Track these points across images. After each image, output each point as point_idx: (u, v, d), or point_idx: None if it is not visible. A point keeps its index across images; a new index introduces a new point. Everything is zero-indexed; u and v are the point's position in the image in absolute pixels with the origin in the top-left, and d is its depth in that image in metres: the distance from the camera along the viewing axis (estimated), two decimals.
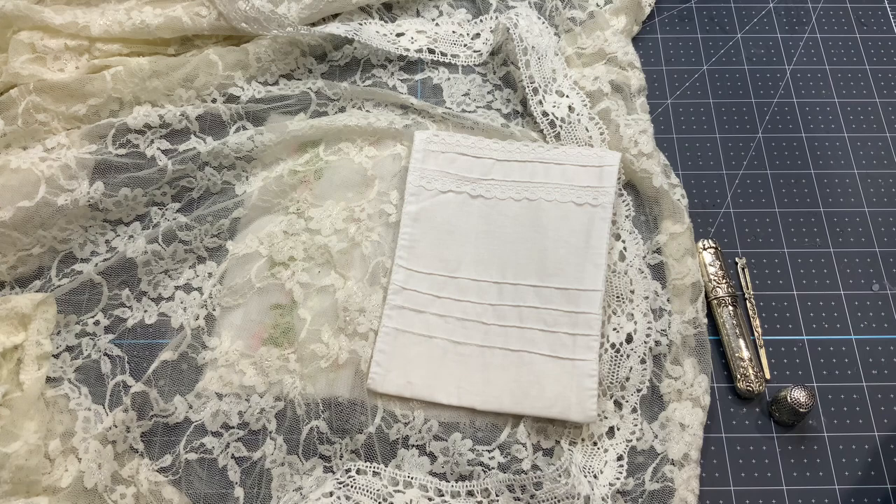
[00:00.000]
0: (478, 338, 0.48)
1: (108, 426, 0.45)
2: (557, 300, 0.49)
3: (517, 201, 0.52)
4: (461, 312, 0.49)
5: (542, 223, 0.51)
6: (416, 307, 0.49)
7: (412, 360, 0.48)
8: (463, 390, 0.47)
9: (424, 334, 0.48)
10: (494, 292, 0.49)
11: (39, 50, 0.56)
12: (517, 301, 0.49)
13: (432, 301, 0.49)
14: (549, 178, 0.52)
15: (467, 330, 0.49)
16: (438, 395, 0.47)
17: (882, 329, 0.50)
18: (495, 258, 0.50)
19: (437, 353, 0.48)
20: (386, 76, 0.59)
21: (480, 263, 0.50)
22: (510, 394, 0.47)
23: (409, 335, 0.48)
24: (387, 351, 0.48)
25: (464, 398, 0.47)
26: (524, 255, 0.50)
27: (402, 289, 0.50)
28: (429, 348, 0.48)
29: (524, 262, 0.50)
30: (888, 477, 0.46)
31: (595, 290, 0.48)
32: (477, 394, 0.47)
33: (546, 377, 0.47)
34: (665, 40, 0.62)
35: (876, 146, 0.57)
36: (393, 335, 0.48)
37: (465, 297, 0.49)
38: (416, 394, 0.47)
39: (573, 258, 0.49)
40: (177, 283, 0.51)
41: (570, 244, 0.50)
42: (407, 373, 0.47)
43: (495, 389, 0.47)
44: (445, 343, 0.48)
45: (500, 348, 0.48)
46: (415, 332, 0.49)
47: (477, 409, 0.47)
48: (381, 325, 0.49)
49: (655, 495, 0.44)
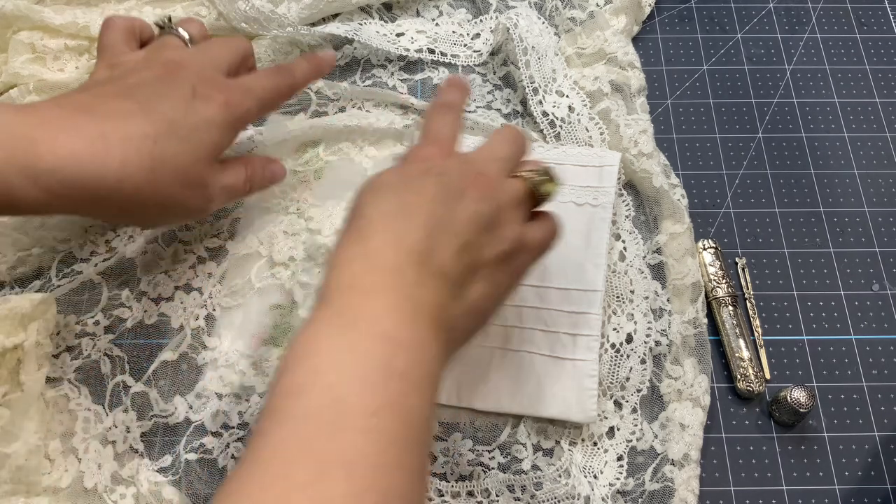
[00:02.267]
0: (477, 338, 0.48)
1: (108, 426, 0.46)
2: (557, 300, 0.49)
3: None
4: None
5: None
6: None
7: None
8: (463, 390, 0.47)
9: None
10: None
11: (39, 50, 0.56)
12: (517, 301, 0.49)
13: None
14: None
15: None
16: (439, 395, 0.47)
17: (882, 329, 0.50)
18: None
19: None
20: (386, 76, 0.59)
21: None
22: (510, 394, 0.47)
23: None
24: None
25: (463, 398, 0.47)
26: None
27: None
28: None
29: None
30: (888, 477, 0.46)
31: (595, 291, 0.48)
32: (477, 394, 0.47)
33: (546, 377, 0.47)
34: (665, 40, 0.62)
35: (876, 146, 0.57)
36: None
37: None
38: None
39: (573, 258, 0.49)
40: (177, 283, 0.50)
41: (571, 244, 0.50)
42: None
43: (495, 390, 0.47)
44: None
45: (500, 348, 0.48)
46: None
47: (477, 409, 0.47)
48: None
49: (655, 495, 0.44)
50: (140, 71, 0.41)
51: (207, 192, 0.42)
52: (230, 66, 0.44)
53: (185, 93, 0.40)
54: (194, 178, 0.41)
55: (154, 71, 0.41)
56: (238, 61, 0.45)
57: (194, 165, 0.40)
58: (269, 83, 0.44)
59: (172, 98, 0.40)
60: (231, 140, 0.43)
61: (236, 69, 0.45)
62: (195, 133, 0.40)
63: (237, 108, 0.42)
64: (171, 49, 0.43)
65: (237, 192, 0.45)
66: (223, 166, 0.43)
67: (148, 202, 0.39)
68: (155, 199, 0.39)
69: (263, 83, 0.44)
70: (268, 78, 0.45)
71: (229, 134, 0.42)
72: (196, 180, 0.41)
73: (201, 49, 0.44)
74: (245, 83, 0.43)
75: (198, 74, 0.41)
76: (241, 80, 0.44)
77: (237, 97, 0.42)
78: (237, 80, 0.43)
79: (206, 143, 0.40)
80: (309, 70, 0.47)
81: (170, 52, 0.43)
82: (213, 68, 0.43)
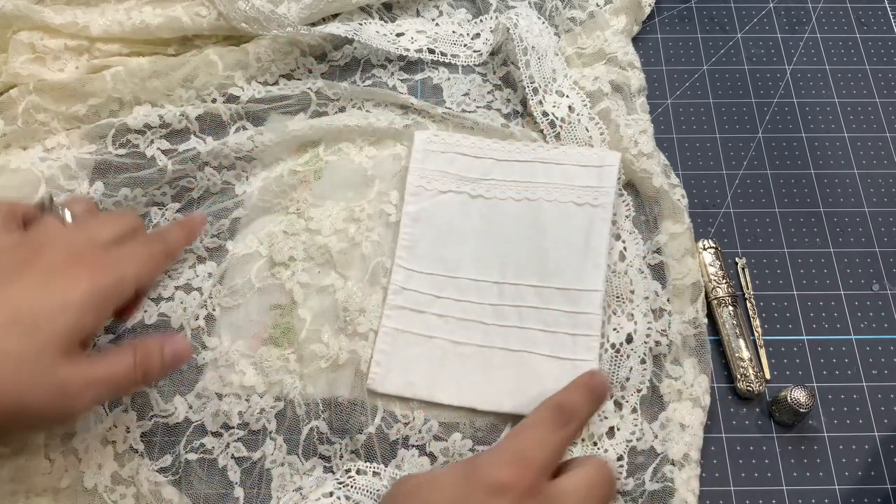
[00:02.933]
0: (478, 338, 0.48)
1: (108, 426, 0.46)
2: (557, 300, 0.49)
3: (517, 201, 0.52)
4: (461, 312, 0.49)
5: (543, 223, 0.51)
6: (416, 307, 0.49)
7: (412, 360, 0.48)
8: (463, 390, 0.47)
9: (424, 334, 0.48)
10: (495, 292, 0.49)
11: (39, 50, 0.56)
12: (517, 301, 0.49)
13: (432, 301, 0.49)
14: (550, 178, 0.52)
15: (467, 330, 0.49)
16: (439, 394, 0.47)
17: (882, 329, 0.50)
18: (495, 258, 0.50)
19: (437, 353, 0.48)
20: (386, 76, 0.59)
21: (480, 263, 0.50)
22: (510, 394, 0.47)
23: (408, 335, 0.48)
24: (387, 351, 0.48)
25: (464, 398, 0.47)
26: (524, 255, 0.50)
27: (402, 289, 0.50)
28: (429, 348, 0.48)
29: (524, 262, 0.50)
30: (888, 477, 0.46)
31: (595, 291, 0.48)
32: (477, 394, 0.47)
33: (546, 377, 0.47)
34: (665, 40, 0.62)
35: (876, 146, 0.57)
36: (393, 335, 0.48)
37: (465, 297, 0.49)
38: (417, 394, 0.47)
39: (573, 258, 0.49)
40: (176, 283, 0.50)
41: (571, 244, 0.50)
42: (407, 373, 0.47)
43: (495, 389, 0.47)
44: (445, 343, 0.48)
45: (501, 348, 0.48)
46: (415, 332, 0.48)
47: (477, 409, 0.47)
48: (380, 325, 0.48)
49: (655, 495, 0.44)
50: (4, 254, 0.38)
51: (66, 390, 0.36)
52: (114, 241, 0.41)
53: (40, 277, 0.37)
54: (41, 373, 0.35)
55: (18, 254, 0.38)
56: (125, 235, 0.42)
57: (40, 357, 0.35)
58: (142, 249, 0.42)
59: (25, 283, 0.37)
60: (96, 322, 0.39)
61: (123, 244, 0.41)
62: (43, 319, 0.36)
63: (103, 280, 0.38)
64: (47, 229, 0.40)
65: (120, 383, 0.39)
66: (96, 357, 0.38)
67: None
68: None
69: (137, 250, 0.41)
70: (141, 245, 0.42)
71: (93, 314, 0.38)
72: (43, 375, 0.36)
73: (80, 226, 0.41)
74: (116, 254, 0.40)
75: (66, 252, 0.38)
76: (112, 251, 0.40)
77: (104, 269, 0.38)
78: (108, 253, 0.40)
79: (58, 330, 0.36)
80: (181, 235, 0.46)
81: (43, 234, 0.40)
82: (89, 244, 0.40)
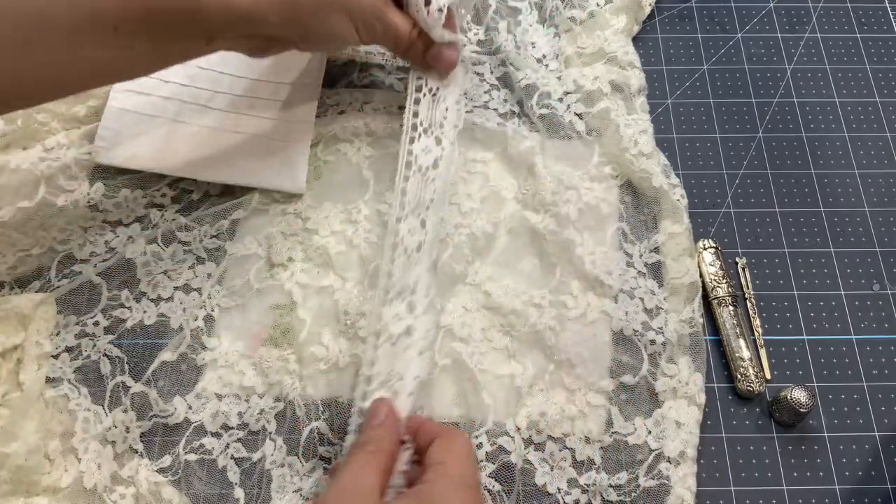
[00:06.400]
0: (205, 120, 0.53)
1: (107, 426, 0.46)
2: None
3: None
4: (189, 97, 0.53)
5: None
6: (143, 91, 0.53)
7: (137, 136, 0.52)
8: (189, 164, 0.51)
9: (150, 114, 0.52)
10: (226, 84, 0.54)
11: None
12: (248, 92, 0.53)
13: (160, 85, 0.53)
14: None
15: (193, 113, 0.53)
16: (161, 166, 0.51)
17: (882, 329, 0.50)
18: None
19: (161, 130, 0.52)
20: (384, 75, 0.59)
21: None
22: (232, 167, 0.51)
23: (133, 115, 0.52)
24: (112, 128, 0.52)
25: (187, 170, 0.51)
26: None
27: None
28: (153, 125, 0.52)
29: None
30: (888, 477, 0.46)
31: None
32: (201, 166, 0.51)
33: (271, 156, 0.52)
34: (665, 40, 0.62)
35: (876, 146, 0.57)
36: (118, 114, 0.52)
37: (193, 83, 0.53)
38: (143, 165, 0.51)
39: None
40: (176, 283, 0.51)
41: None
42: (132, 148, 0.51)
43: (222, 164, 0.51)
44: (171, 122, 0.52)
45: (232, 132, 0.52)
46: (140, 113, 0.52)
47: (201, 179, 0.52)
48: (106, 107, 0.52)
49: (651, 492, 0.44)
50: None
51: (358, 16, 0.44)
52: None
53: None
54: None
55: None
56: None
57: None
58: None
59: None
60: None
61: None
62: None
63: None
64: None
65: (402, 40, 0.46)
66: (396, 7, 0.45)
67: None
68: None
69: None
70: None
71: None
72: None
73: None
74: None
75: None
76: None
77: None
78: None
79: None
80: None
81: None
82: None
